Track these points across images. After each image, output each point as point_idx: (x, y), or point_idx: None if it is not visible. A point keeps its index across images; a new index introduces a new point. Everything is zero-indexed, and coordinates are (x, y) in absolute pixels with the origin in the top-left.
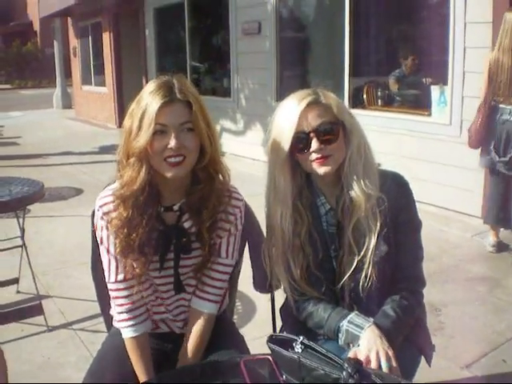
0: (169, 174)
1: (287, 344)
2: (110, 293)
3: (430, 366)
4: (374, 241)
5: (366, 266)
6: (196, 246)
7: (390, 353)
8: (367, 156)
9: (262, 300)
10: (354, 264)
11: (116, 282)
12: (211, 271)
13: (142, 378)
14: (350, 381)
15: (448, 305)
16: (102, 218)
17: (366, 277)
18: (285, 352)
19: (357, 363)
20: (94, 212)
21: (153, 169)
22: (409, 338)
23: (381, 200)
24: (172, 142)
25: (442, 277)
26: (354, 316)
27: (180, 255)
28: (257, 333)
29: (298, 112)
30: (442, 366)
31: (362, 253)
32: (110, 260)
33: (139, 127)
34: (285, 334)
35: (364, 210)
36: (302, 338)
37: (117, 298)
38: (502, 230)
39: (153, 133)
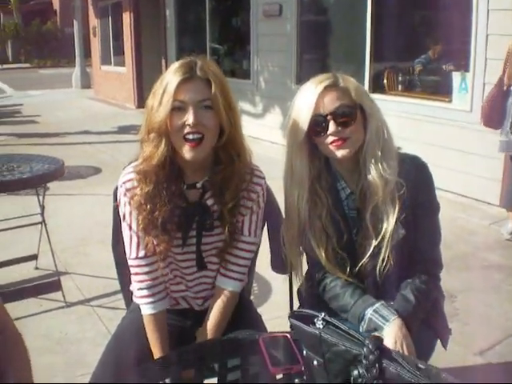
0: (188, 156)
1: (308, 320)
2: (131, 269)
3: (445, 349)
4: (391, 226)
5: (383, 250)
6: (218, 224)
7: (412, 350)
8: (386, 140)
9: (277, 281)
10: (371, 249)
11: (137, 258)
12: (235, 249)
13: (156, 354)
14: (371, 357)
15: (463, 292)
16: (124, 194)
17: (383, 261)
18: (306, 327)
19: (377, 340)
20: (116, 188)
21: (173, 147)
22: (426, 322)
23: (399, 184)
24: (190, 118)
25: (458, 264)
26: (380, 306)
27: (202, 233)
28: (272, 313)
29: (315, 95)
30: (456, 351)
31: (380, 237)
32: (131, 236)
33: (159, 103)
34: (307, 310)
35: (382, 194)
36: (323, 314)
37: (137, 274)
38: None
39: (171, 108)
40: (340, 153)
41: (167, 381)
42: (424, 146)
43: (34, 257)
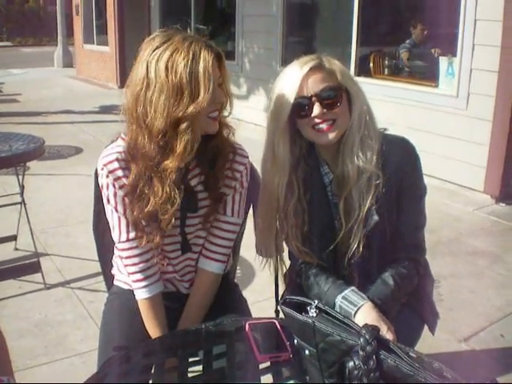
0: (214, 129)
1: (300, 308)
2: (122, 253)
3: (433, 334)
4: (363, 213)
5: (353, 237)
6: (202, 204)
7: (391, 329)
8: (368, 125)
9: (261, 265)
10: (341, 235)
11: (128, 240)
12: (217, 230)
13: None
14: (368, 348)
15: (447, 277)
16: (107, 176)
17: (354, 249)
18: (299, 316)
19: (374, 330)
20: (96, 171)
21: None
22: (412, 307)
23: (376, 174)
24: (221, 96)
25: (442, 249)
26: (349, 292)
27: (187, 214)
28: (256, 297)
29: (299, 76)
30: (441, 337)
31: (350, 225)
32: (119, 218)
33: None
34: (299, 297)
35: (355, 182)
36: (316, 301)
37: (129, 257)
38: (503, 205)
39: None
40: (325, 138)
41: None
42: (409, 131)
43: (14, 237)
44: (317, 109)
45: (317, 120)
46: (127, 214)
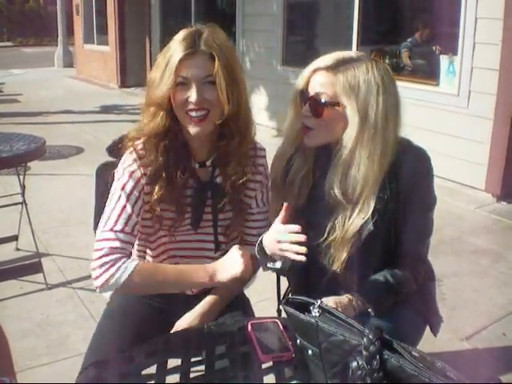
0: (193, 131)
1: (303, 307)
2: (99, 244)
3: (435, 336)
4: (353, 230)
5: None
6: (227, 201)
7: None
8: (370, 144)
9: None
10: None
11: (122, 232)
12: (252, 222)
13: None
14: (371, 348)
15: (450, 276)
16: (130, 175)
17: (339, 265)
18: (301, 316)
19: (378, 330)
20: (99, 168)
21: (179, 123)
22: (416, 308)
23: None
24: (193, 96)
25: (445, 248)
26: None
27: (217, 212)
28: (258, 297)
29: (309, 71)
30: (442, 336)
31: (341, 233)
32: (124, 207)
33: (161, 78)
34: (302, 297)
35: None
36: (319, 301)
37: (111, 248)
38: (505, 203)
39: (174, 85)
40: (306, 140)
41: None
42: (410, 130)
43: (15, 238)
44: (305, 109)
45: (303, 118)
46: (136, 208)
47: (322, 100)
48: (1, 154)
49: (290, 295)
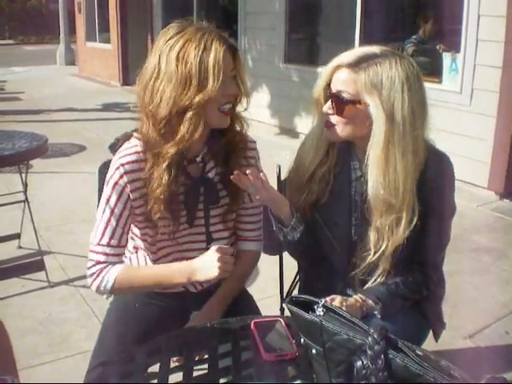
0: (223, 124)
1: (307, 306)
2: (92, 255)
3: (437, 341)
4: (404, 230)
5: (389, 255)
6: (223, 194)
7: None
8: (401, 143)
9: (265, 262)
10: (382, 248)
11: (108, 245)
12: (247, 217)
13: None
14: (376, 347)
15: (452, 274)
16: (121, 176)
17: (382, 269)
18: (305, 315)
19: (383, 329)
20: (102, 166)
21: None
22: (422, 311)
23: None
24: (233, 88)
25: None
26: None
27: (209, 207)
28: (260, 294)
29: (331, 67)
30: (445, 334)
31: (392, 240)
32: (109, 221)
33: (207, 77)
34: (306, 296)
35: (376, 208)
36: (323, 300)
37: (98, 262)
38: (507, 201)
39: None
40: (326, 133)
41: (156, 367)
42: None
43: (17, 236)
44: (327, 105)
45: (325, 116)
46: (122, 219)
47: (344, 98)
48: (3, 152)
49: (293, 293)
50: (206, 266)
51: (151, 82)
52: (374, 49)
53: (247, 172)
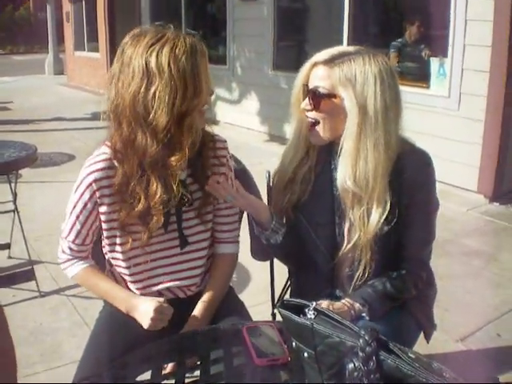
0: (203, 124)
1: (298, 310)
2: (64, 243)
3: (428, 342)
4: (376, 221)
5: (365, 249)
6: (195, 196)
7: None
8: (374, 135)
9: (256, 269)
10: (354, 240)
11: (73, 242)
12: (221, 217)
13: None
14: (368, 349)
15: (443, 278)
16: (90, 184)
17: (364, 265)
18: (297, 318)
19: (374, 331)
20: None
21: None
22: (412, 313)
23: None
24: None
25: (437, 250)
26: None
27: (182, 209)
28: (252, 301)
29: (309, 65)
30: (437, 338)
31: (364, 231)
32: (74, 224)
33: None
34: (297, 300)
35: (350, 200)
36: (314, 303)
37: (64, 252)
38: (497, 204)
39: None
40: (311, 138)
41: (148, 375)
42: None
43: (7, 245)
44: (305, 101)
45: (305, 113)
46: (87, 225)
47: (320, 92)
48: None
49: (284, 297)
50: (142, 312)
51: (142, 90)
52: (349, 47)
53: (220, 181)
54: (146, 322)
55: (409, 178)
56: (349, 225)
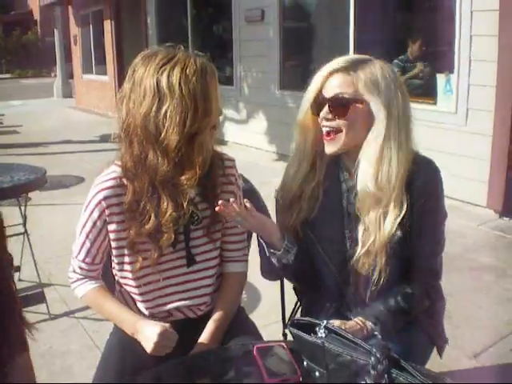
0: (213, 141)
1: (309, 329)
2: (75, 263)
3: (441, 357)
4: (391, 223)
5: (380, 254)
6: (204, 215)
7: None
8: (396, 142)
9: (267, 289)
10: (368, 244)
11: (83, 261)
12: (228, 236)
13: (124, 317)
14: (379, 367)
15: (454, 294)
16: (99, 202)
17: (379, 271)
18: (307, 337)
19: (386, 348)
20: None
21: None
22: (424, 329)
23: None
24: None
25: (448, 266)
26: None
27: (190, 227)
28: (262, 321)
29: (321, 76)
30: (450, 354)
31: (378, 234)
32: (84, 243)
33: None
34: (307, 318)
35: (367, 207)
36: (325, 321)
37: (75, 271)
38: (507, 219)
39: None
40: (328, 148)
41: None
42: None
43: (17, 268)
44: (324, 111)
45: (323, 123)
46: (97, 243)
47: (345, 99)
48: (2, 185)
49: (295, 316)
50: (146, 336)
51: (154, 109)
52: (359, 56)
53: (231, 201)
54: (149, 347)
55: (420, 185)
56: (362, 230)
